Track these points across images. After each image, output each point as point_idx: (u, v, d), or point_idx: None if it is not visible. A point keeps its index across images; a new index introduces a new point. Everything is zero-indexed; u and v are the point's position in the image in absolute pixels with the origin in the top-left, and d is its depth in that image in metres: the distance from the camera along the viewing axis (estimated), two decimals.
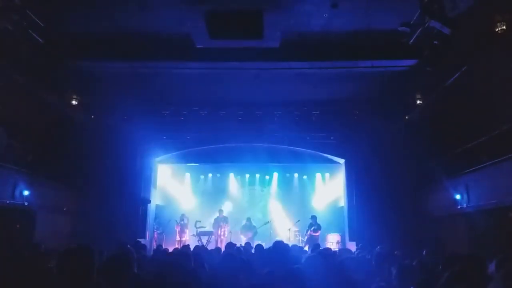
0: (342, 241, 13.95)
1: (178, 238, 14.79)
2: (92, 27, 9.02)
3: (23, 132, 10.78)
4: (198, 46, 9.27)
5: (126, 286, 3.25)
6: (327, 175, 16.90)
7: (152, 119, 13.19)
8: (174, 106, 13.26)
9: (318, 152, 14.53)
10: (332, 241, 13.97)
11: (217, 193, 17.20)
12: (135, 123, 12.97)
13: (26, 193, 10.35)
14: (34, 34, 8.04)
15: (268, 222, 15.88)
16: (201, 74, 11.04)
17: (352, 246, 11.71)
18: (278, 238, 12.50)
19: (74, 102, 11.91)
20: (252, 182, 17.63)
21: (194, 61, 9.91)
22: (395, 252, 5.48)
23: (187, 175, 17.31)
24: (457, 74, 9.47)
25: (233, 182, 17.55)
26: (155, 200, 15.06)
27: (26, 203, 10.37)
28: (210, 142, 14.23)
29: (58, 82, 10.66)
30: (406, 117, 12.62)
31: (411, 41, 8.25)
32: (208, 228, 15.19)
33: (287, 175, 17.35)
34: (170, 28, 8.96)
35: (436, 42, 7.79)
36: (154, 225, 14.78)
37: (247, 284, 3.22)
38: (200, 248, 9.07)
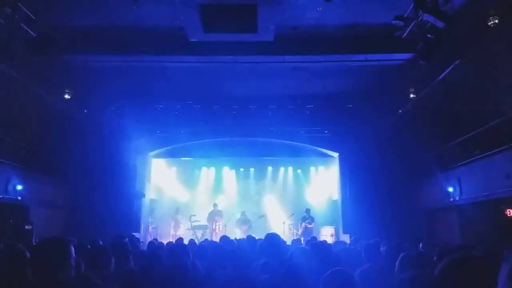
0: (336, 234, 14.04)
1: (172, 232, 14.82)
2: (85, 21, 8.96)
3: (16, 127, 10.72)
4: (191, 40, 9.24)
5: (118, 277, 3.27)
6: (321, 168, 16.96)
7: (145, 113, 13.15)
8: (167, 100, 13.22)
9: (312, 146, 14.59)
10: (326, 234, 14.05)
11: (212, 187, 17.22)
12: (128, 117, 12.93)
13: (19, 187, 10.30)
14: (26, 28, 7.97)
15: (263, 215, 15.94)
16: (195, 68, 11.01)
17: (346, 239, 11.79)
18: (273, 231, 12.55)
19: (67, 97, 11.83)
20: (246, 176, 17.66)
21: (187, 54, 9.87)
22: (381, 245, 5.53)
23: (182, 169, 17.31)
24: (450, 68, 9.53)
25: (227, 176, 17.57)
26: (149, 194, 15.06)
27: (19, 198, 10.33)
28: (204, 136, 14.23)
29: (50, 76, 10.59)
30: (400, 111, 12.69)
31: (404, 35, 8.27)
32: (203, 222, 15.22)
33: (282, 168, 17.39)
34: (163, 21, 8.90)
35: (429, 35, 7.82)
36: (148, 219, 14.79)
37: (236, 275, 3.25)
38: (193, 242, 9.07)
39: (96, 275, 3.01)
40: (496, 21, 7.49)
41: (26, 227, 10.24)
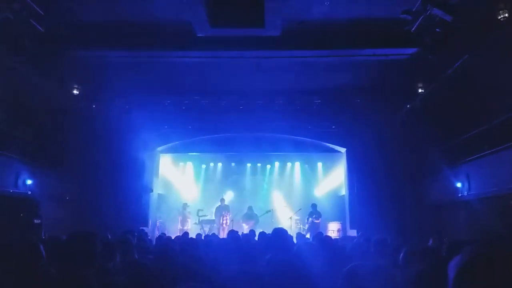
0: (343, 229, 14.04)
1: (180, 226, 14.92)
2: (93, 16, 9.00)
3: (25, 122, 10.82)
4: (199, 35, 9.24)
5: (125, 271, 3.31)
6: (328, 164, 16.93)
7: (153, 108, 13.20)
8: (175, 96, 13.26)
9: (319, 141, 14.56)
10: (333, 229, 14.06)
11: (219, 182, 17.29)
12: (136, 112, 12.99)
13: (29, 182, 10.42)
14: (35, 23, 8.03)
15: (270, 210, 15.97)
16: (202, 63, 11.02)
17: (353, 234, 11.80)
18: (280, 226, 12.58)
19: (75, 92, 11.91)
20: (253, 171, 17.70)
21: (195, 50, 9.87)
22: (389, 241, 5.53)
23: (189, 164, 17.38)
24: (458, 62, 9.44)
25: (234, 171, 17.61)
26: (157, 189, 15.15)
27: (29, 192, 10.44)
28: (212, 131, 14.26)
29: (59, 71, 10.66)
30: (408, 106, 12.62)
31: (413, 29, 8.21)
32: (210, 217, 15.29)
33: (289, 164, 17.40)
34: (170, 16, 8.92)
35: (438, 29, 7.76)
36: (156, 214, 14.89)
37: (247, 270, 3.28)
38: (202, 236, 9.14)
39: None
40: (506, 14, 7.40)
41: (35, 221, 10.35)
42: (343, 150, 14.83)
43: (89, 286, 2.28)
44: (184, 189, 17.00)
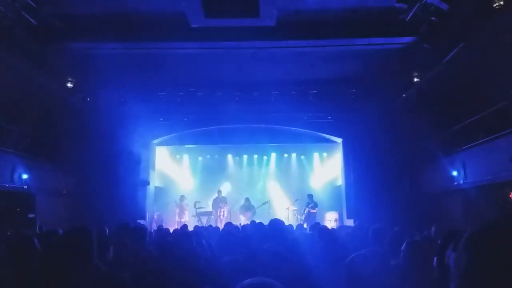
0: (340, 219, 14.11)
1: (177, 219, 14.94)
2: (86, 8, 8.90)
3: (20, 116, 10.74)
4: (193, 26, 9.16)
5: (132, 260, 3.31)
6: (324, 154, 16.98)
7: (148, 100, 13.09)
8: (170, 87, 13.16)
9: (315, 132, 14.56)
10: (330, 219, 14.12)
11: (216, 174, 17.29)
12: (131, 105, 12.90)
13: (25, 176, 10.38)
14: (27, 16, 7.93)
15: (267, 202, 16.00)
16: (197, 54, 10.93)
17: (350, 224, 11.84)
18: (277, 217, 12.61)
19: (69, 85, 11.81)
20: (250, 163, 17.71)
21: (189, 41, 9.78)
22: (395, 229, 5.54)
23: (185, 156, 17.37)
24: (454, 51, 9.42)
25: (231, 163, 17.62)
26: (154, 182, 15.13)
27: (25, 187, 10.41)
28: (208, 123, 14.21)
29: (53, 64, 10.56)
30: (404, 95, 12.60)
31: (408, 18, 8.18)
32: (207, 208, 15.32)
33: (285, 155, 17.43)
34: (164, 7, 8.83)
35: (433, 18, 7.73)
36: (153, 206, 14.89)
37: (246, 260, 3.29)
38: (200, 228, 9.16)
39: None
40: (501, 2, 7.38)
41: (30, 215, 10.32)
42: (339, 140, 14.85)
43: (83, 283, 2.27)
44: (181, 182, 17.00)
